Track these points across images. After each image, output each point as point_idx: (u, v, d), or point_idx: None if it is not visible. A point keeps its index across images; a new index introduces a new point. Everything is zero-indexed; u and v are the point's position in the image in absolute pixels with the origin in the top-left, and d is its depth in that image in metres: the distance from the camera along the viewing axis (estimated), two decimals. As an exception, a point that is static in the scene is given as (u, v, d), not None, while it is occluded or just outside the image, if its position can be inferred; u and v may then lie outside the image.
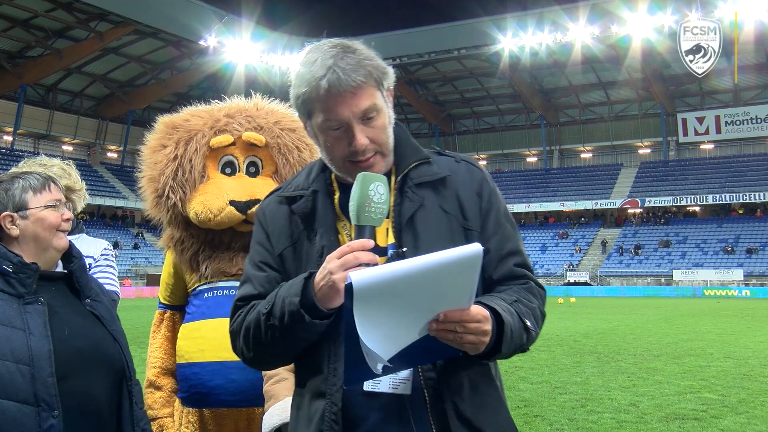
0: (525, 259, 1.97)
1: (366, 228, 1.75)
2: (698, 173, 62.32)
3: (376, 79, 1.84)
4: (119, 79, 60.49)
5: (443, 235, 1.87)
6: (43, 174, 2.47)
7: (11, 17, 49.66)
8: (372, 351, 1.62)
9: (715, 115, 62.27)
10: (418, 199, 1.90)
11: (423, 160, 1.96)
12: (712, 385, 10.54)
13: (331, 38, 1.89)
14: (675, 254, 56.46)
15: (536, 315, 1.88)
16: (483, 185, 1.97)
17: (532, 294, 1.92)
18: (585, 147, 68.31)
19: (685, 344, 16.03)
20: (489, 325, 1.67)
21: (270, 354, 1.90)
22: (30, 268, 2.33)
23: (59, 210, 2.42)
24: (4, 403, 2.15)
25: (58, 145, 59.27)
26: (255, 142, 3.28)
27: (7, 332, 2.21)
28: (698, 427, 7.80)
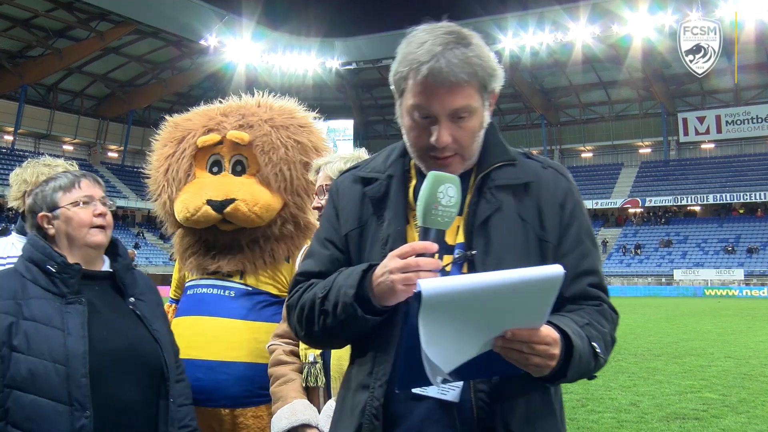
0: (601, 280, 1.88)
1: (431, 230, 1.67)
2: (699, 173, 62.28)
3: (481, 80, 1.74)
4: (120, 78, 60.47)
5: (517, 244, 1.80)
6: (76, 171, 2.49)
7: (12, 17, 49.64)
8: (434, 363, 1.57)
9: (715, 115, 62.20)
10: (495, 202, 1.81)
11: (508, 162, 1.87)
12: (713, 384, 10.54)
13: (451, 22, 1.82)
14: (676, 254, 56.44)
15: (606, 340, 1.79)
16: (567, 196, 1.87)
17: (605, 317, 1.82)
18: (585, 147, 68.28)
19: (685, 344, 16.03)
20: (558, 349, 1.60)
21: (320, 337, 1.88)
22: (73, 268, 2.36)
23: (90, 206, 2.42)
24: (40, 400, 2.19)
25: (59, 144, 59.25)
26: (238, 141, 3.30)
27: (47, 331, 2.25)
28: (699, 427, 7.80)
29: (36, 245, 2.41)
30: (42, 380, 2.23)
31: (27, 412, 2.21)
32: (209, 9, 54.26)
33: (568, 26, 54.79)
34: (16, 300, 2.31)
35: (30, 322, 2.28)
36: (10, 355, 2.24)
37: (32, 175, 3.58)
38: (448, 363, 1.59)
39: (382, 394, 1.78)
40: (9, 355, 2.24)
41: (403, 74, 1.75)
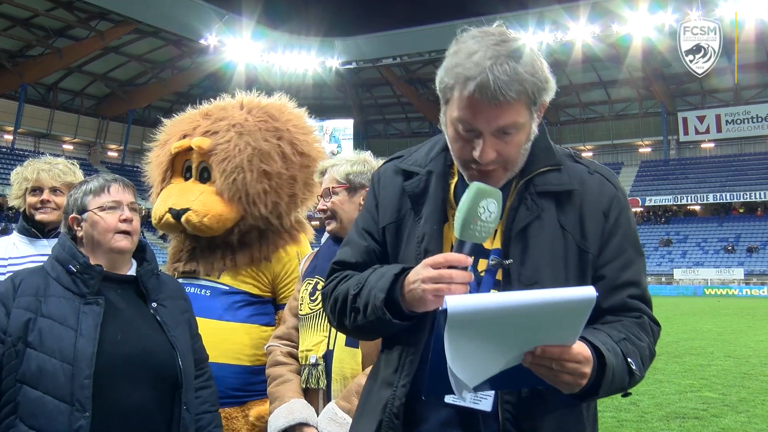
0: (644, 292, 1.81)
1: (467, 244, 1.64)
2: (699, 172, 62.27)
3: (531, 96, 1.68)
4: (120, 78, 60.42)
5: (556, 254, 1.75)
6: (108, 176, 2.51)
7: (12, 16, 49.58)
8: (459, 378, 1.55)
9: (715, 114, 62.18)
10: (536, 210, 1.77)
11: (553, 167, 1.81)
12: (713, 384, 10.55)
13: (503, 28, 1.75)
14: (675, 253, 56.45)
15: (644, 355, 1.72)
16: (613, 204, 1.82)
17: (644, 331, 1.76)
18: (585, 146, 68.19)
19: (685, 343, 16.04)
20: (589, 368, 1.55)
21: (352, 331, 1.90)
22: (94, 269, 2.39)
23: (116, 212, 2.44)
24: (45, 398, 2.22)
25: (59, 144, 59.21)
26: (196, 149, 3.28)
27: (60, 330, 2.28)
28: (699, 426, 7.81)
29: (63, 245, 2.46)
30: (49, 378, 2.25)
31: (32, 408, 2.24)
32: (209, 8, 54.22)
33: (568, 25, 54.76)
34: (37, 297, 2.35)
35: (46, 320, 2.31)
36: (25, 350, 2.28)
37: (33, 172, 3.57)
38: (473, 378, 1.57)
39: (404, 394, 1.78)
40: (23, 350, 2.28)
41: (449, 85, 1.70)
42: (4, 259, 3.50)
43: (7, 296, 2.36)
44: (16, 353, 2.28)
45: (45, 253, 3.46)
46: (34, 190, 3.58)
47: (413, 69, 65.02)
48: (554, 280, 1.71)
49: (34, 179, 3.57)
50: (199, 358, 2.62)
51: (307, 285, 2.89)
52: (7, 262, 3.49)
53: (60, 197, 3.60)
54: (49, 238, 3.57)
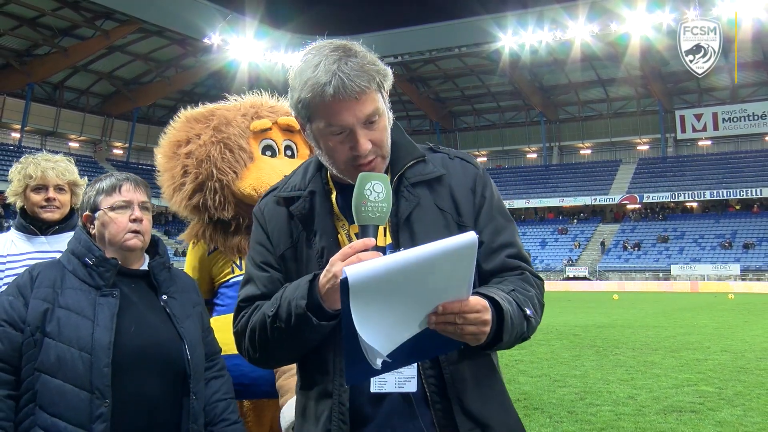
0: (520, 251, 1.96)
1: (368, 227, 1.71)
2: (696, 169, 62.27)
3: (378, 83, 1.80)
4: (125, 76, 60.49)
5: (440, 233, 1.80)
6: (120, 175, 2.51)
7: (19, 16, 49.66)
8: (370, 346, 1.57)
9: (712, 112, 62.18)
10: (414, 199, 1.90)
11: (418, 159, 1.95)
12: (709, 378, 10.56)
13: (331, 38, 1.85)
14: (673, 249, 56.45)
15: (534, 303, 1.85)
16: (476, 180, 1.98)
17: (528, 283, 1.90)
18: (584, 143, 68.27)
19: (682, 338, 16.05)
20: (488, 315, 1.64)
21: (276, 354, 1.90)
22: (109, 262, 2.43)
23: (126, 211, 2.46)
24: (65, 386, 2.26)
25: (65, 142, 59.31)
26: (291, 126, 3.34)
27: (78, 320, 2.32)
28: (695, 420, 7.82)
29: (79, 239, 2.50)
30: (68, 367, 2.28)
31: (52, 396, 2.27)
32: (213, 8, 54.22)
33: (567, 24, 54.73)
34: (54, 289, 2.38)
35: (63, 310, 2.34)
36: (43, 340, 2.31)
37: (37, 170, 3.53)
38: (385, 345, 1.59)
39: (348, 398, 1.81)
40: (41, 340, 2.31)
41: (308, 100, 1.77)
42: (3, 256, 3.45)
43: (25, 287, 2.40)
44: (34, 342, 2.31)
45: (43, 250, 3.45)
46: (37, 188, 3.52)
47: (414, 68, 65.03)
48: None
49: (39, 177, 3.51)
50: (210, 351, 2.63)
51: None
52: (5, 259, 3.45)
53: (64, 195, 3.57)
54: (47, 235, 3.53)
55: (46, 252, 3.44)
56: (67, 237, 3.42)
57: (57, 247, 3.42)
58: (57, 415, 2.26)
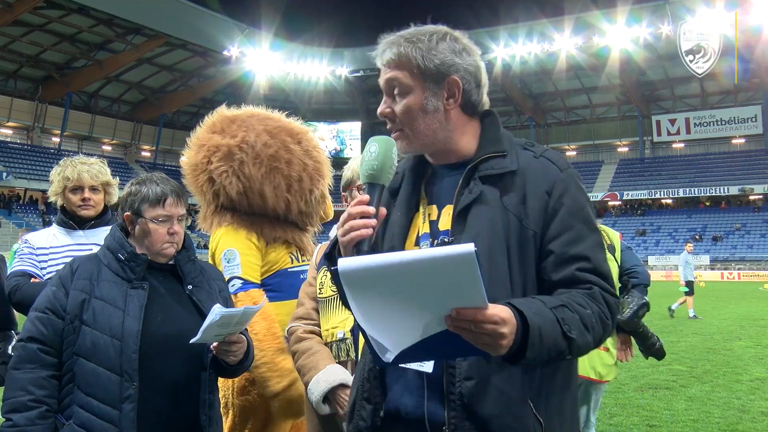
0: (596, 265, 1.68)
1: (369, 186, 1.68)
2: (670, 169, 62.07)
3: (412, 60, 1.74)
4: (152, 86, 60.48)
5: (496, 231, 1.68)
6: (167, 187, 2.49)
7: (60, 33, 49.84)
8: (379, 343, 1.48)
9: (685, 118, 61.94)
10: (476, 191, 1.72)
11: (497, 153, 1.76)
12: (682, 358, 10.57)
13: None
14: (650, 242, 56.35)
15: (587, 322, 1.59)
16: (556, 183, 1.71)
17: (594, 300, 1.63)
18: (570, 146, 68.01)
19: (658, 322, 16.06)
20: (507, 329, 1.43)
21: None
22: (140, 258, 2.46)
23: (166, 225, 2.47)
24: (98, 369, 2.30)
25: (99, 145, 59.32)
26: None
27: (110, 310, 2.35)
28: (669, 395, 7.84)
29: (114, 236, 2.51)
30: (101, 352, 2.31)
31: (88, 377, 2.31)
32: (232, 23, 54.15)
33: (554, 37, 54.57)
34: (91, 281, 2.41)
35: (98, 301, 2.37)
36: (80, 327, 2.34)
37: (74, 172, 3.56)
38: (395, 344, 1.48)
39: (369, 368, 1.80)
40: (79, 327, 2.34)
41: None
42: (46, 248, 3.50)
43: (66, 279, 2.43)
44: (73, 329, 2.34)
45: (81, 243, 3.50)
46: (74, 189, 3.56)
47: (415, 77, 64.72)
48: (491, 255, 1.66)
49: (76, 179, 3.54)
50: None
51: (326, 272, 2.78)
52: (49, 251, 3.50)
53: (98, 195, 3.61)
54: (85, 230, 3.58)
55: (83, 245, 3.48)
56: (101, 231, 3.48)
57: (93, 240, 3.47)
58: (91, 395, 2.29)
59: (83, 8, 46.32)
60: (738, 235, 53.84)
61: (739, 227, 54.52)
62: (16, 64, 52.11)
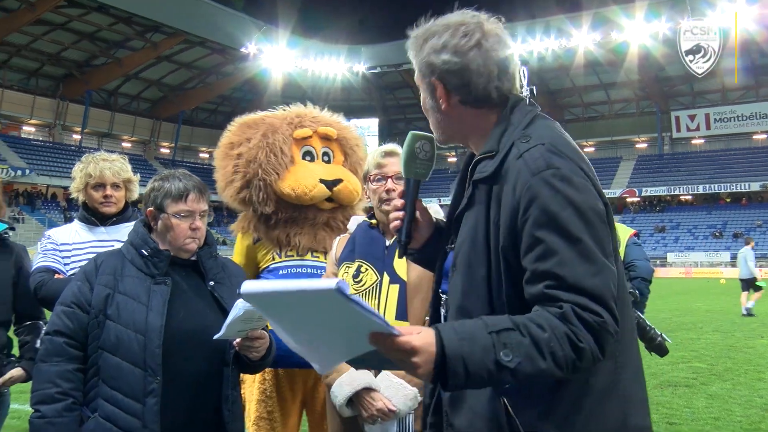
0: (570, 281, 1.47)
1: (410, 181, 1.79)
2: (690, 165, 61.44)
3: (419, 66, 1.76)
4: (171, 83, 60.79)
5: (477, 240, 1.61)
6: (189, 182, 2.51)
7: (80, 31, 50.25)
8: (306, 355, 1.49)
9: (705, 113, 61.27)
10: (468, 197, 1.68)
11: (486, 154, 1.66)
12: (702, 355, 10.47)
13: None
14: (669, 239, 55.85)
15: (543, 346, 1.42)
16: (524, 192, 1.53)
17: (563, 320, 1.45)
18: (587, 142, 67.51)
19: (677, 319, 15.91)
20: (420, 358, 1.37)
21: None
22: (163, 254, 2.47)
23: (189, 220, 2.48)
24: (122, 363, 2.32)
25: (119, 142, 59.74)
26: (329, 135, 3.50)
27: (134, 306, 2.37)
28: (689, 393, 7.77)
29: (137, 231, 2.53)
30: (125, 346, 2.33)
31: (112, 371, 2.33)
32: (249, 20, 54.26)
33: (572, 33, 54.15)
34: (115, 276, 2.43)
35: (122, 296, 2.39)
36: (105, 321, 2.36)
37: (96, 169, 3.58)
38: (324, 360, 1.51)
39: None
40: (104, 321, 2.36)
41: None
42: (68, 244, 3.52)
43: (91, 274, 2.45)
44: (98, 324, 2.37)
45: (103, 239, 3.52)
46: (96, 186, 3.58)
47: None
48: (468, 267, 1.62)
49: (98, 176, 3.56)
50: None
51: (347, 268, 2.82)
52: (71, 247, 3.52)
53: (119, 192, 3.63)
54: (106, 226, 3.60)
55: (105, 241, 3.50)
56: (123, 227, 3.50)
57: (115, 237, 3.49)
58: (116, 389, 2.31)
59: (103, 6, 46.62)
60: (759, 232, 53.13)
61: (760, 224, 53.82)
62: (38, 63, 52.64)
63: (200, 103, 63.06)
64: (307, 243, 3.34)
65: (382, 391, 2.56)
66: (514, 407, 1.55)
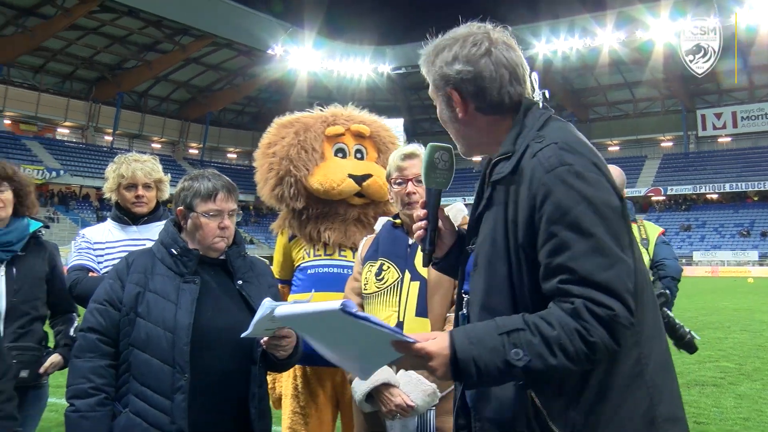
0: (582, 275, 1.50)
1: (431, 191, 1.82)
2: (716, 164, 60.54)
3: (433, 78, 1.79)
4: (199, 85, 61.37)
5: (497, 239, 1.64)
6: (218, 183, 2.51)
7: (112, 35, 51.09)
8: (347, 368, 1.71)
9: (731, 111, 60.34)
10: (486, 198, 1.71)
11: (502, 156, 1.69)
12: (730, 355, 10.30)
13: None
14: (695, 237, 55.09)
15: (553, 344, 1.48)
16: (539, 189, 1.57)
17: (574, 316, 1.49)
18: (612, 141, 66.88)
19: (704, 318, 15.67)
20: (435, 362, 1.51)
21: None
22: (192, 253, 2.48)
23: (217, 219, 2.48)
24: (152, 360, 2.33)
25: (149, 143, 60.49)
26: (362, 132, 3.52)
27: (164, 304, 2.38)
28: (717, 393, 7.65)
29: (168, 231, 2.55)
30: (154, 343, 2.35)
31: (142, 368, 2.35)
32: (276, 22, 54.59)
33: (596, 32, 53.65)
34: (146, 274, 2.44)
35: (152, 294, 2.40)
36: (135, 319, 2.38)
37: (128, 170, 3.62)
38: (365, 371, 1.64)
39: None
40: (134, 319, 2.38)
41: None
42: (102, 242, 3.57)
43: (122, 272, 2.47)
44: (129, 321, 2.38)
45: (135, 237, 3.56)
46: (129, 187, 3.62)
47: (456, 73, 64.33)
48: (489, 266, 1.66)
49: (130, 176, 3.60)
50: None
51: (370, 267, 2.85)
52: (104, 245, 3.56)
53: (150, 192, 3.67)
54: (138, 225, 3.64)
55: (137, 239, 3.54)
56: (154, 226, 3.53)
57: (146, 236, 3.52)
58: (146, 385, 2.33)
59: (133, 11, 47.29)
60: (787, 231, 52.23)
61: (788, 222, 52.91)
62: (72, 66, 53.53)
63: (227, 104, 63.59)
64: (337, 238, 3.34)
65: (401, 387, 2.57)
66: (540, 396, 1.58)
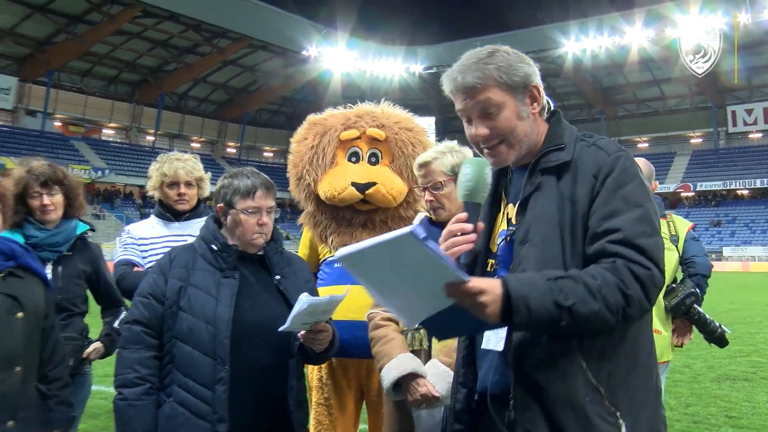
0: (627, 236, 1.66)
1: (467, 205, 1.78)
2: (746, 160, 59.16)
3: (498, 78, 1.80)
4: (236, 86, 61.93)
5: (551, 215, 1.75)
6: (257, 181, 2.53)
7: (154, 39, 51.84)
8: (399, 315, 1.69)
9: (763, 107, 58.91)
10: (536, 183, 1.81)
11: (555, 147, 1.83)
12: (761, 349, 10.09)
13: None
14: (725, 233, 53.96)
15: (594, 290, 1.60)
16: (602, 167, 1.76)
17: (612, 271, 1.63)
18: (641, 138, 65.84)
19: (735, 313, 15.35)
20: (487, 297, 1.56)
21: None
22: (231, 248, 2.51)
23: (256, 216, 2.50)
24: (194, 352, 2.36)
25: (188, 143, 61.24)
26: (376, 137, 3.43)
27: (205, 298, 2.41)
28: (749, 387, 7.50)
29: (208, 227, 2.58)
30: (196, 336, 2.37)
31: (184, 360, 2.38)
32: (309, 24, 54.83)
33: (625, 30, 52.80)
34: (187, 269, 2.47)
35: (194, 288, 2.43)
36: (178, 312, 2.41)
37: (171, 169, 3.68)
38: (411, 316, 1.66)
39: (464, 347, 1.96)
40: (177, 312, 2.41)
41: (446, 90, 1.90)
42: (146, 238, 3.63)
43: (165, 267, 2.50)
44: (171, 314, 2.42)
45: (177, 233, 3.61)
46: (171, 185, 3.68)
47: (486, 72, 63.85)
48: (544, 238, 1.75)
49: (173, 175, 3.66)
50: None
51: None
52: (148, 241, 3.63)
53: (192, 190, 3.72)
54: (180, 221, 3.69)
55: (179, 235, 3.59)
56: (195, 222, 3.58)
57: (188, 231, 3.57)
58: (188, 376, 2.36)
59: (174, 15, 47.93)
60: (819, 226, 50.87)
61: (820, 218, 51.53)
62: (117, 70, 54.49)
63: (263, 104, 64.05)
64: (341, 243, 3.31)
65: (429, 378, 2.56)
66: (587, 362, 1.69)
